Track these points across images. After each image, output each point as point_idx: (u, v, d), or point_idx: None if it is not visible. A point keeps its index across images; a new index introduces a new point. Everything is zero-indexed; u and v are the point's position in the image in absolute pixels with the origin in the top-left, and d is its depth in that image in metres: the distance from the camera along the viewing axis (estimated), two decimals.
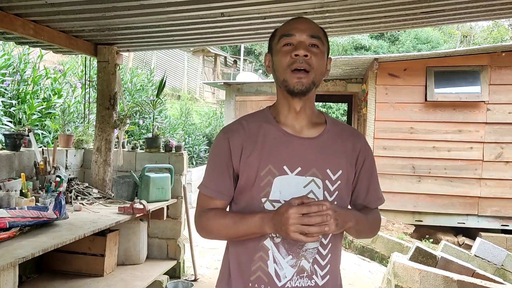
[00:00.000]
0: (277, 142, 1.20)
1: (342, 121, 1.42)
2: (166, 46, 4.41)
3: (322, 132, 1.24)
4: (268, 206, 1.17)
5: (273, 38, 1.24)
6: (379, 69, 5.84)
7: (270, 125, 1.23)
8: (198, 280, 3.95)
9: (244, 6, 2.67)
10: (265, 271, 1.17)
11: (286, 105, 1.23)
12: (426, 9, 2.81)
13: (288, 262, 1.17)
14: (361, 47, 17.44)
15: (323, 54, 1.19)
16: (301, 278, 1.17)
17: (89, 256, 3.27)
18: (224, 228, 1.19)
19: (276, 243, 1.17)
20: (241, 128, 1.23)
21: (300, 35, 1.16)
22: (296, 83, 1.16)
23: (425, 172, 5.84)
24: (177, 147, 3.98)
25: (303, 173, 1.18)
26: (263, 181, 1.17)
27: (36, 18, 2.93)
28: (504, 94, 5.64)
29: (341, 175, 1.21)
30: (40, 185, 3.15)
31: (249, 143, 1.20)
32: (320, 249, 1.19)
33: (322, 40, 1.20)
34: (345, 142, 1.25)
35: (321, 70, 1.19)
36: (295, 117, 1.23)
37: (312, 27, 1.19)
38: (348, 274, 4.51)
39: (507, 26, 20.29)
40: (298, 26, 1.18)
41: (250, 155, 1.19)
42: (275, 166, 1.17)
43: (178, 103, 12.65)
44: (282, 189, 1.16)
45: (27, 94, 4.73)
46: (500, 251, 4.70)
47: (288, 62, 1.16)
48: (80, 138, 4.01)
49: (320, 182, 1.18)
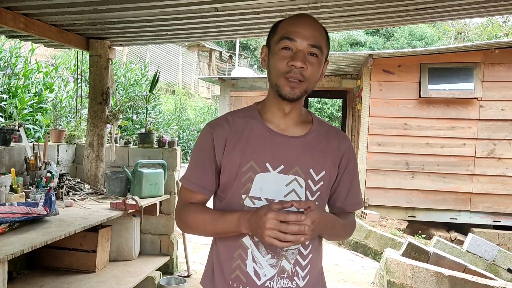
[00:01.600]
0: (261, 139, 1.19)
1: (329, 122, 1.42)
2: (159, 41, 4.37)
3: (308, 132, 1.23)
4: (247, 203, 1.17)
5: (273, 33, 1.20)
6: (373, 65, 5.85)
7: (256, 121, 1.22)
8: (191, 276, 3.95)
9: (238, 1, 2.64)
10: (243, 271, 1.17)
11: (276, 105, 1.22)
12: (420, 6, 2.80)
13: (267, 261, 1.16)
14: (356, 43, 17.43)
15: (320, 64, 1.17)
16: (282, 279, 1.17)
17: (80, 252, 3.25)
18: (202, 224, 1.18)
19: (255, 241, 1.16)
20: (226, 123, 1.22)
21: (301, 41, 1.13)
22: (289, 91, 1.14)
23: (419, 168, 5.86)
24: (170, 142, 3.96)
25: (285, 171, 1.17)
26: (244, 177, 1.16)
27: (27, 12, 2.89)
28: (497, 91, 5.67)
29: (324, 176, 1.20)
30: (30, 181, 3.12)
31: (233, 138, 1.19)
32: (301, 250, 1.19)
33: (323, 49, 1.16)
34: (330, 142, 1.24)
35: (315, 79, 1.17)
36: (283, 117, 1.22)
37: (315, 35, 1.14)
38: (341, 269, 4.53)
39: (501, 22, 20.37)
40: (301, 31, 1.13)
41: (232, 150, 1.18)
42: (257, 163, 1.16)
43: (172, 98, 12.60)
44: (263, 186, 1.16)
45: (18, 88, 4.68)
46: (491, 247, 4.74)
47: (283, 69, 1.14)
48: (72, 133, 3.97)
49: (302, 181, 1.17)
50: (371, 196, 5.95)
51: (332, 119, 14.56)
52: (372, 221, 5.54)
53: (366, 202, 5.92)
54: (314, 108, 14.08)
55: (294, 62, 1.11)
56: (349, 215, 1.31)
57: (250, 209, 1.15)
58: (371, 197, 5.95)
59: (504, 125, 5.68)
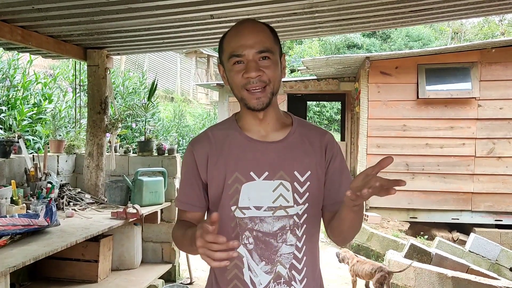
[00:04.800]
0: (242, 149, 1.20)
1: (310, 122, 1.40)
2: (157, 49, 4.40)
3: (288, 134, 1.23)
4: (238, 214, 1.17)
5: (221, 51, 1.20)
6: (371, 67, 5.86)
7: (235, 132, 1.23)
8: (194, 283, 3.94)
9: (233, 8, 2.66)
10: (240, 279, 1.17)
11: (249, 115, 1.22)
12: (414, 8, 2.82)
13: (262, 268, 1.16)
14: (353, 45, 17.48)
15: (276, 62, 1.16)
16: (279, 284, 1.16)
17: (82, 262, 3.24)
18: (178, 241, 1.21)
19: (249, 249, 1.17)
20: (206, 138, 1.23)
21: (248, 52, 1.13)
22: (256, 103, 1.15)
23: (419, 169, 5.86)
24: (170, 150, 3.97)
25: (270, 177, 1.17)
26: (231, 189, 1.17)
27: (24, 24, 2.91)
28: (495, 90, 5.68)
29: (310, 176, 1.19)
30: (31, 192, 3.12)
31: (215, 152, 1.20)
32: (295, 253, 1.18)
33: (272, 50, 1.16)
34: (312, 142, 1.24)
35: (277, 78, 1.17)
36: (259, 124, 1.22)
37: (260, 40, 1.14)
38: (344, 273, 4.52)
39: (498, 21, 20.44)
40: (245, 42, 1.13)
41: (216, 164, 1.19)
42: (241, 173, 1.17)
43: (171, 105, 12.61)
44: (250, 196, 1.16)
45: (17, 100, 4.69)
46: (494, 246, 4.73)
47: (242, 82, 1.15)
48: (72, 143, 3.98)
49: (288, 184, 1.17)
50: (372, 198, 5.94)
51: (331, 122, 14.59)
52: (374, 223, 5.53)
53: (367, 204, 5.91)
54: (313, 112, 14.11)
55: (248, 74, 1.12)
56: None
57: (241, 220, 1.16)
58: (372, 199, 5.93)
59: (503, 124, 5.69)
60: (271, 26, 1.23)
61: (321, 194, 1.24)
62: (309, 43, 16.66)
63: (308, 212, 1.20)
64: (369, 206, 5.92)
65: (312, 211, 1.21)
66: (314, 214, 1.22)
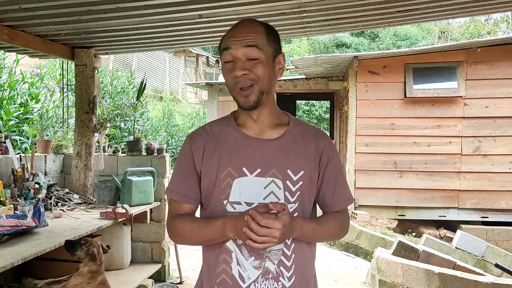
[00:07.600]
0: (237, 144, 1.22)
1: (307, 122, 1.43)
2: (145, 48, 4.37)
3: (284, 133, 1.25)
4: (229, 208, 1.19)
5: (220, 51, 1.23)
6: (359, 66, 5.91)
7: (231, 128, 1.25)
8: (184, 283, 3.94)
9: (222, 8, 2.66)
10: (229, 274, 1.19)
11: (244, 113, 1.25)
12: (401, 8, 2.85)
13: (251, 263, 1.18)
14: (342, 45, 17.56)
15: (264, 63, 1.17)
16: (267, 280, 1.18)
17: (71, 263, 3.21)
18: (190, 233, 1.21)
19: (238, 244, 1.19)
20: (204, 132, 1.26)
21: (236, 48, 1.16)
22: (244, 101, 1.18)
23: (407, 167, 5.94)
24: (159, 149, 3.96)
25: (262, 174, 1.19)
26: (223, 183, 1.19)
27: (11, 23, 2.87)
28: (480, 89, 5.77)
29: (303, 175, 1.21)
30: (18, 193, 3.09)
31: (211, 146, 1.23)
32: (284, 250, 1.20)
33: (261, 46, 1.16)
34: (308, 142, 1.25)
35: (268, 77, 1.19)
36: (254, 122, 1.25)
37: (248, 33, 1.16)
38: (333, 270, 4.56)
39: (484, 21, 20.73)
40: (235, 35, 1.17)
41: (211, 158, 1.21)
42: (234, 168, 1.19)
43: (160, 105, 12.55)
44: (241, 191, 1.18)
45: (3, 100, 4.63)
46: (480, 243, 4.81)
47: (231, 82, 1.18)
48: (60, 143, 3.94)
49: (280, 182, 1.19)
50: (361, 197, 6.00)
51: (320, 120, 14.65)
52: (363, 221, 5.59)
53: (356, 202, 5.97)
54: (302, 111, 14.15)
55: (234, 73, 1.16)
56: (341, 214, 1.31)
57: (231, 214, 1.18)
58: (360, 197, 6.00)
59: (488, 122, 5.78)
60: (271, 27, 1.24)
61: (313, 194, 1.26)
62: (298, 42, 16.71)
63: (298, 211, 1.22)
64: (358, 205, 5.97)
65: (302, 210, 1.23)
66: (304, 213, 1.24)
